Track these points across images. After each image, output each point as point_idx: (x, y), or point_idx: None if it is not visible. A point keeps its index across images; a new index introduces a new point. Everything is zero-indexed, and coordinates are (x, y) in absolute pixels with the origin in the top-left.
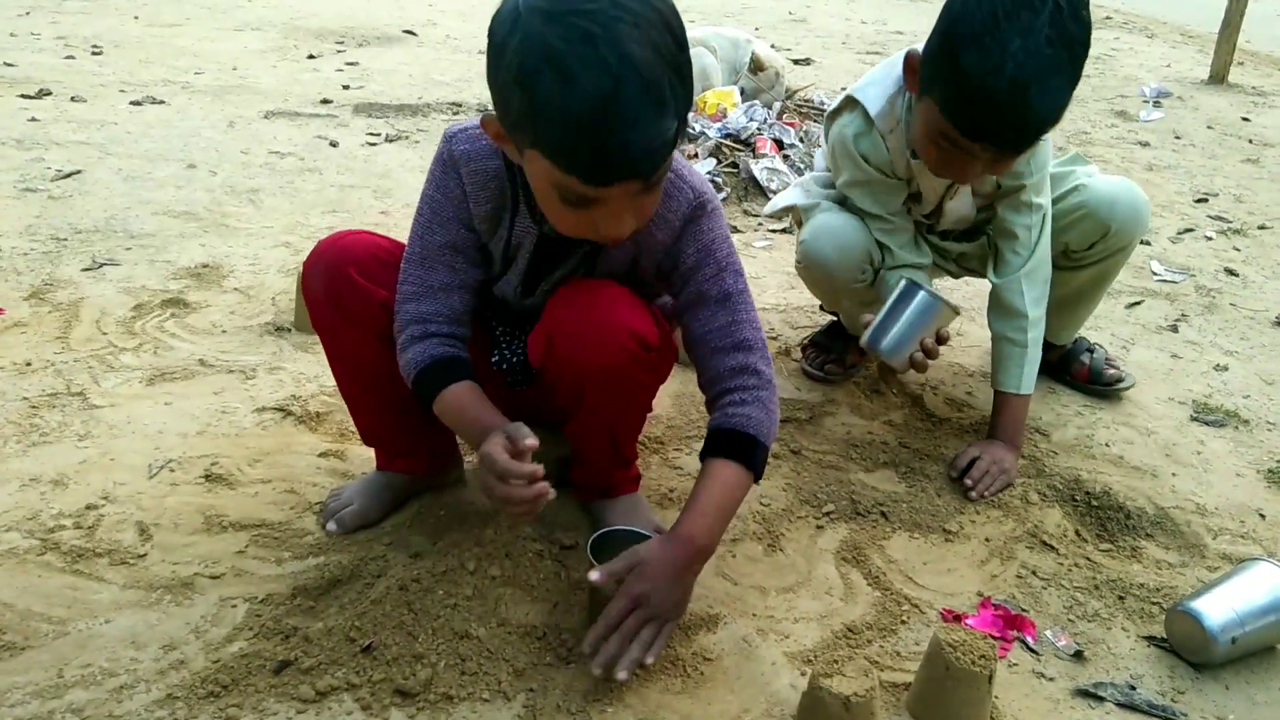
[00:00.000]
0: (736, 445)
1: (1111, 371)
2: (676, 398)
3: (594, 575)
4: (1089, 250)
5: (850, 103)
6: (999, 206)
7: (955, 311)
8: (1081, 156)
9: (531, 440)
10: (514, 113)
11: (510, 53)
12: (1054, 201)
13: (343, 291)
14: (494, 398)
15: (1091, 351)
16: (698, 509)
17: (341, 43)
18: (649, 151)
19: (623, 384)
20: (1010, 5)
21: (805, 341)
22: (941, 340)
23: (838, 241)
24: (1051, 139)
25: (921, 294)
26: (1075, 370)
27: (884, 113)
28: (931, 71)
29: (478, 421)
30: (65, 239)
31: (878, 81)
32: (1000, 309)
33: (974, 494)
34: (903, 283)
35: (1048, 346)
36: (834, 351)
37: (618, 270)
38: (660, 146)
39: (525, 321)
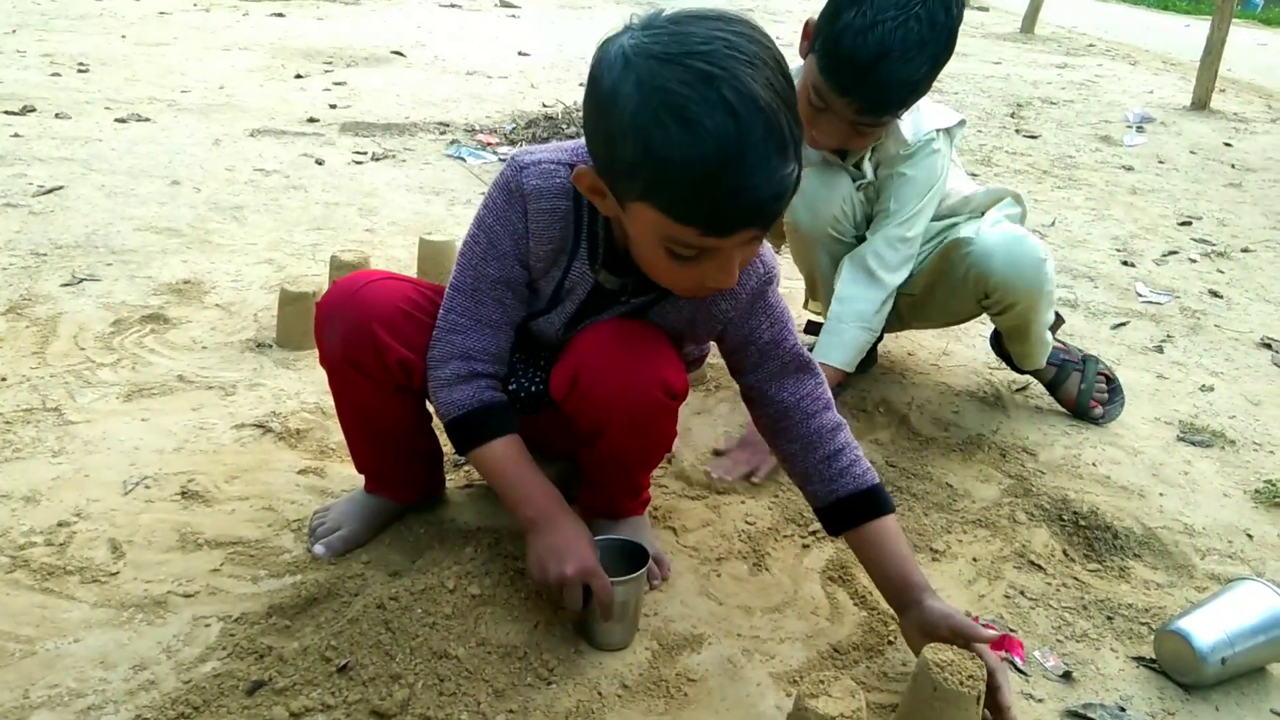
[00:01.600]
0: (882, 500)
1: (1097, 410)
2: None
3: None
4: (987, 300)
5: None
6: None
7: None
8: (1017, 197)
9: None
10: (623, 164)
11: (623, 100)
12: (954, 248)
13: (363, 349)
14: None
15: (1082, 373)
16: (915, 565)
17: (330, 63)
18: (774, 197)
19: (646, 430)
20: None
21: None
22: None
23: (806, 200)
24: (951, 161)
25: None
26: (1063, 398)
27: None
28: (816, 31)
29: (523, 489)
30: (45, 254)
31: None
32: None
33: (714, 475)
34: None
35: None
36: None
37: (666, 325)
38: (783, 192)
39: (540, 349)
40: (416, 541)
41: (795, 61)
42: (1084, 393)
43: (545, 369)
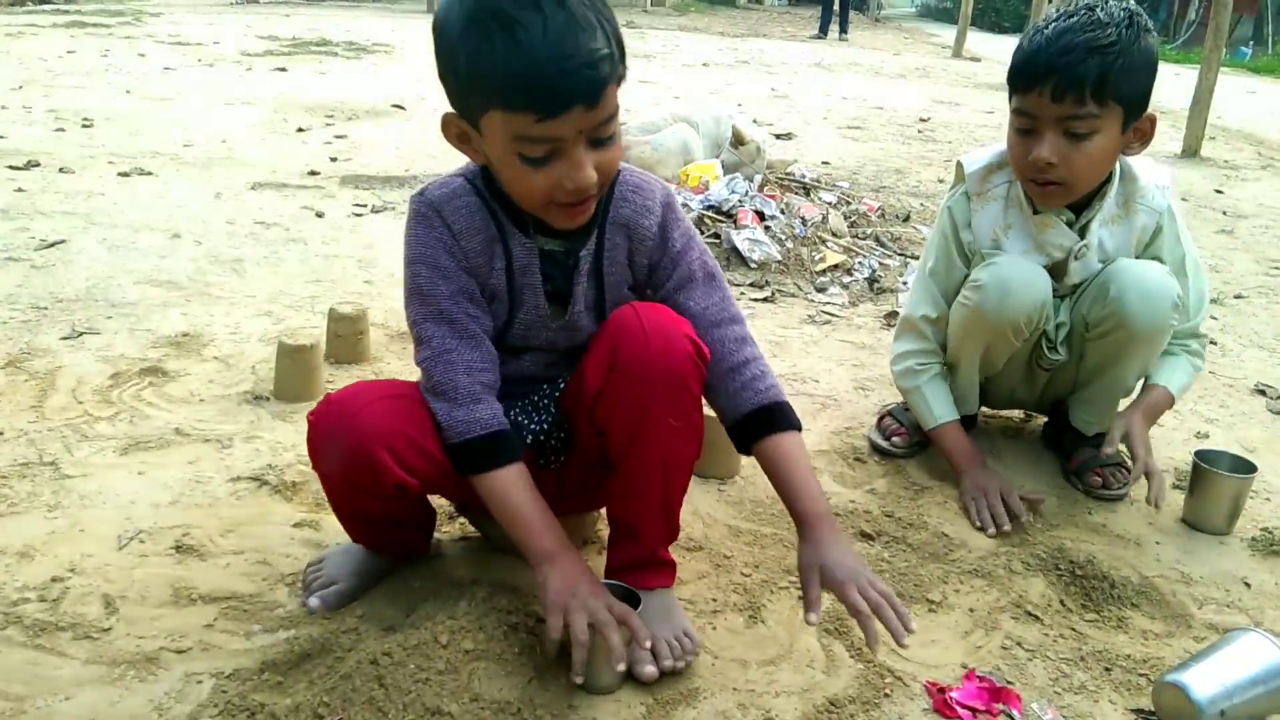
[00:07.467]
0: (785, 415)
1: (1094, 479)
2: None
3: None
4: (1097, 326)
5: (957, 170)
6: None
7: None
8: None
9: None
10: (464, 79)
11: (451, 22)
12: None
13: (363, 474)
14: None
15: (1095, 447)
16: (810, 488)
17: (331, 117)
18: (586, 65)
19: (682, 399)
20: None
21: (884, 411)
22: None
23: (1003, 281)
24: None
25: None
26: (1072, 454)
27: (977, 174)
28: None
29: (533, 520)
30: (46, 308)
31: (983, 150)
32: None
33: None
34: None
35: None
36: (905, 425)
37: (619, 270)
38: (596, 63)
39: (531, 391)
40: (410, 595)
41: None
42: (1094, 459)
43: (546, 409)
